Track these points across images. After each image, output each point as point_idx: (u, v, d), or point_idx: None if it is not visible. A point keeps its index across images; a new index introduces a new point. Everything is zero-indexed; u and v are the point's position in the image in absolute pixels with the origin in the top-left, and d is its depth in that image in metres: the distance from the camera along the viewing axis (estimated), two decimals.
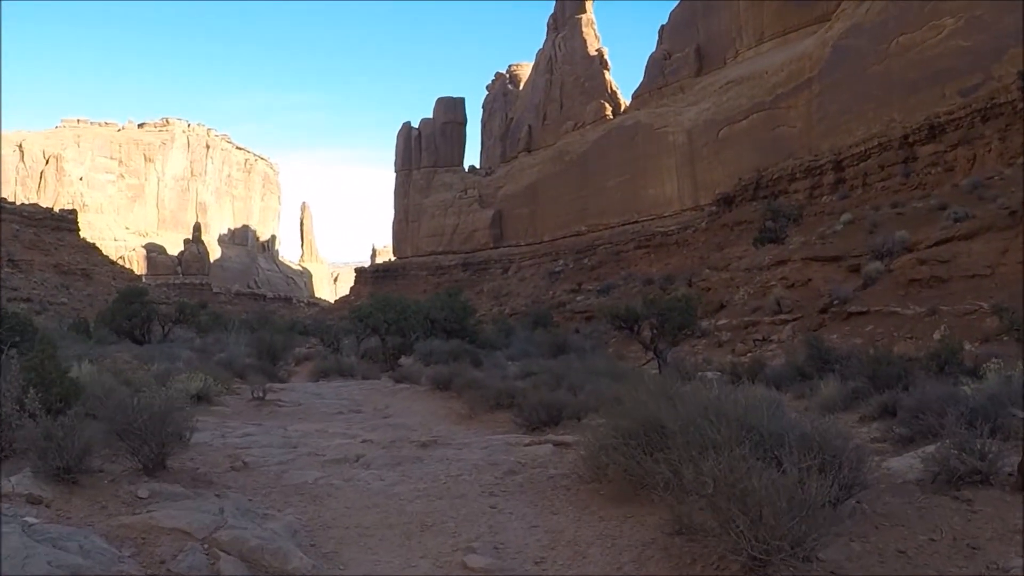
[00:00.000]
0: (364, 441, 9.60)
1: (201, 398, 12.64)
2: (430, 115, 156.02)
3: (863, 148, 63.94)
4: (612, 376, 14.24)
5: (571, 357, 28.82)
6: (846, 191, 62.82)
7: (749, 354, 34.04)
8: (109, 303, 54.05)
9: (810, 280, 38.75)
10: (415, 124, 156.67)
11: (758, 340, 35.07)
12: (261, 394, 13.94)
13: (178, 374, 13.29)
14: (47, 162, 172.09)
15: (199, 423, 10.84)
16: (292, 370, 29.96)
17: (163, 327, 46.25)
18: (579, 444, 7.63)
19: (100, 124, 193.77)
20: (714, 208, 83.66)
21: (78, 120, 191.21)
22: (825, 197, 63.85)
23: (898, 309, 33.33)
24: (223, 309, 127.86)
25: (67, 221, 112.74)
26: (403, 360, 27.55)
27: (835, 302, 34.08)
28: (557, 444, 7.90)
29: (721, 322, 37.94)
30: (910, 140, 59.23)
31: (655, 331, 23.43)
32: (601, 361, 23.01)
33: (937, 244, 36.88)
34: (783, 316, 35.97)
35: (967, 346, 27.46)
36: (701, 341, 36.75)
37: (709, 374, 24.11)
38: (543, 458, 7.78)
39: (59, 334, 36.89)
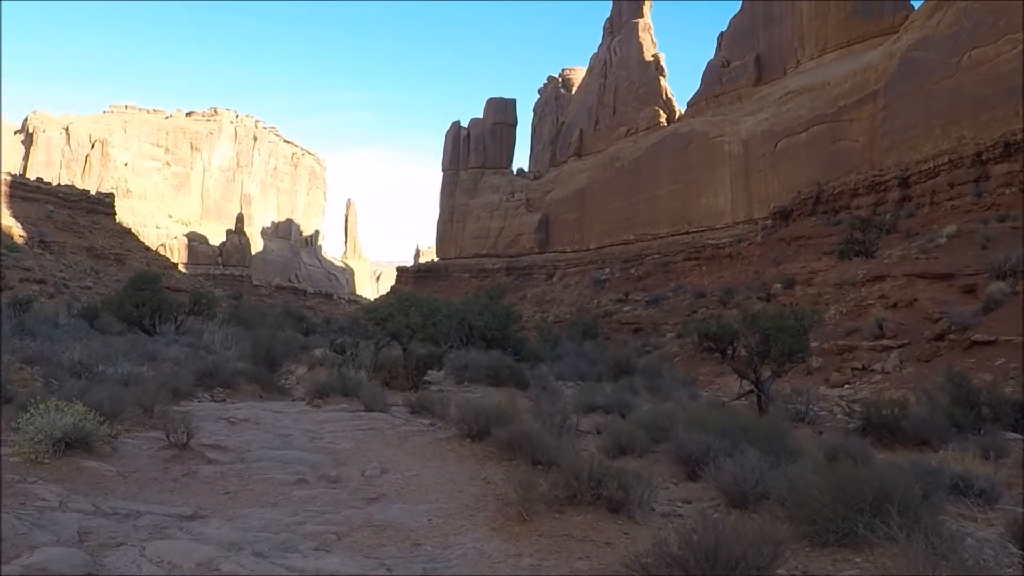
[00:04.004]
0: None
1: (72, 444, 7.58)
2: (480, 116, 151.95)
3: (932, 165, 60.50)
4: (756, 438, 8.52)
5: (636, 380, 23.59)
6: (912, 209, 59.01)
7: (847, 384, 28.51)
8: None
9: (916, 300, 32.93)
10: (464, 124, 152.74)
11: (857, 369, 29.43)
12: (183, 437, 8.79)
13: (52, 399, 8.24)
14: (93, 146, 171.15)
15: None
16: (302, 376, 25.12)
17: (175, 317, 42.14)
18: None
19: (148, 111, 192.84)
20: (769, 222, 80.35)
21: (126, 106, 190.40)
22: (890, 215, 59.33)
23: None
24: (262, 302, 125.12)
25: (103, 204, 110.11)
26: (432, 374, 22.41)
27: (953, 328, 28.33)
28: None
29: (811, 345, 32.29)
30: (983, 158, 55.40)
31: (756, 356, 18.05)
32: (683, 391, 17.68)
33: None
34: (886, 342, 30.24)
35: None
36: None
37: (824, 415, 18.75)
38: None
39: (47, 320, 32.58)
